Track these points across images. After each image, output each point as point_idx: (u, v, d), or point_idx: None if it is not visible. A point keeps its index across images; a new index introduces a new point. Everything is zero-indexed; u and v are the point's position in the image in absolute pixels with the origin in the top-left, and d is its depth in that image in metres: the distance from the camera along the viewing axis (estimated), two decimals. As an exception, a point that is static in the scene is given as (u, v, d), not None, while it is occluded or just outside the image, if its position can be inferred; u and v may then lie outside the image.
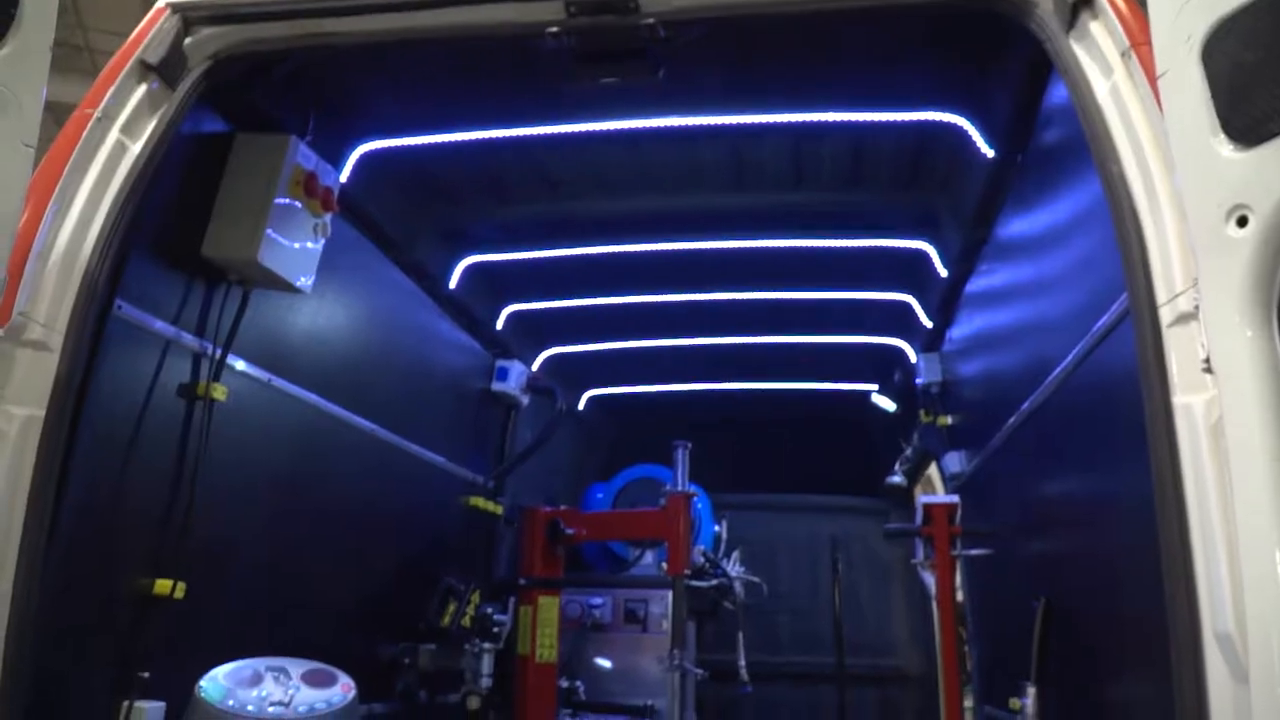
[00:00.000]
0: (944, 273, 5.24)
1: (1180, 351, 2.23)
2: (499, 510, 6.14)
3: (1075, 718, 3.72)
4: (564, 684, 5.98)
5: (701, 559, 6.55)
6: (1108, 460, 3.38)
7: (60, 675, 2.87)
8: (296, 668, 3.38)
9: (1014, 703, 3.87)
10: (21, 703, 2.39)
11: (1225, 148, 1.95)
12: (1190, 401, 2.16)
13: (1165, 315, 2.28)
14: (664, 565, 6.60)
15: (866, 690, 7.74)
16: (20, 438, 2.48)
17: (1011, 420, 4.61)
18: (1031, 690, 3.82)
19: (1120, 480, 3.26)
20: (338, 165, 4.12)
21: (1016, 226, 4.34)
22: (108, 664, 3.06)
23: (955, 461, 5.92)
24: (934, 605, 7.55)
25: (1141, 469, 2.96)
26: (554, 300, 6.12)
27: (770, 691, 7.58)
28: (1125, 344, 3.05)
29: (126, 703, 3.07)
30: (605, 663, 6.59)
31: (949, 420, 6.15)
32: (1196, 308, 2.11)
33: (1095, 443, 3.55)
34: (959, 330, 5.77)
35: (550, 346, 6.82)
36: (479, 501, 5.93)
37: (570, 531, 5.72)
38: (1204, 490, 2.04)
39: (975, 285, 5.19)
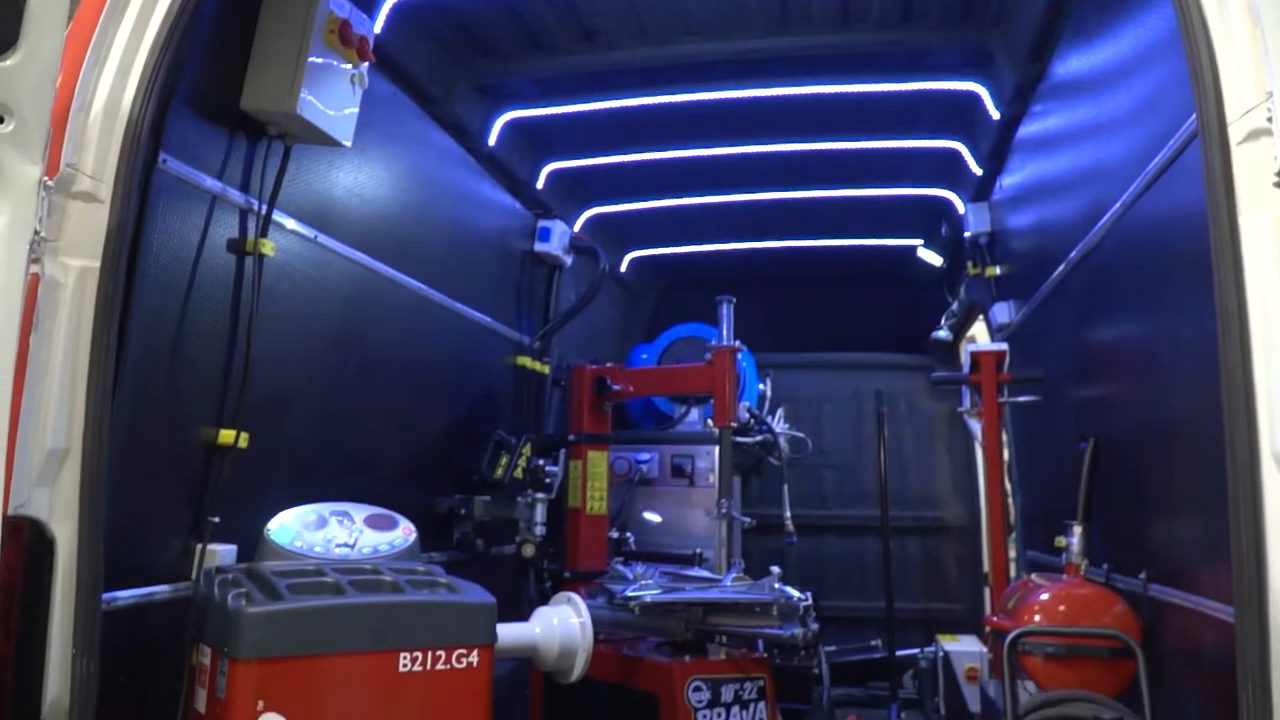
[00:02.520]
0: (996, 115, 5.06)
1: (1249, 169, 2.15)
2: (545, 370, 6.22)
3: (1121, 553, 3.77)
4: (614, 535, 6.15)
5: (747, 415, 6.62)
6: (1164, 298, 3.33)
7: (137, 522, 2.99)
8: (359, 512, 3.51)
9: (1059, 540, 3.92)
10: (100, 549, 2.49)
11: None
12: (1258, 221, 2.11)
13: (1235, 132, 2.19)
14: (709, 421, 6.69)
15: (909, 541, 7.91)
16: (78, 289, 2.52)
17: (1064, 266, 4.53)
18: (1078, 529, 3.86)
19: (1175, 317, 3.21)
20: (371, 14, 4.02)
21: (1075, 61, 4.16)
22: (180, 510, 3.19)
23: (1003, 312, 5.87)
24: (979, 453, 7.64)
25: (1198, 304, 2.92)
26: (594, 157, 6.02)
27: (815, 543, 7.78)
28: (1185, 178, 2.97)
29: (200, 546, 3.21)
30: (654, 516, 6.76)
31: (997, 271, 6.07)
32: (1270, 119, 2.02)
33: (1151, 281, 3.49)
34: (1010, 177, 5.62)
35: (591, 206, 6.76)
36: (525, 361, 6.00)
37: (617, 388, 5.78)
38: (1268, 309, 2.00)
39: (1029, 128, 5.02)
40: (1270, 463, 1.99)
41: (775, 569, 4.97)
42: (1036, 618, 3.57)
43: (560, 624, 3.69)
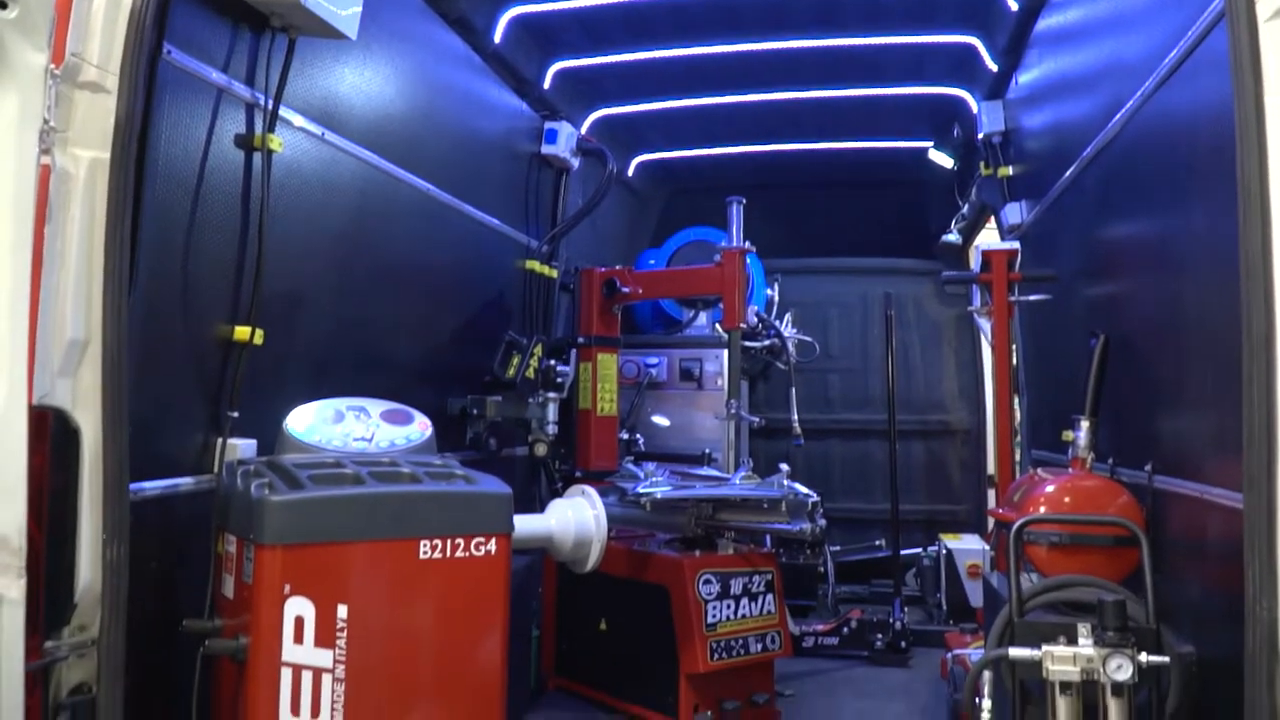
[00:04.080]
0: (1014, 6, 4.94)
1: (1276, 47, 2.11)
2: (554, 274, 6.22)
3: (1127, 447, 3.82)
4: (624, 437, 6.23)
5: (755, 320, 6.64)
6: (1180, 191, 3.30)
7: (159, 416, 3.03)
8: (376, 407, 3.55)
9: (1066, 434, 3.96)
10: (125, 438, 2.53)
11: None
12: (1284, 99, 2.08)
13: (1263, 9, 2.15)
14: (718, 325, 6.71)
15: (914, 444, 8.01)
16: (89, 179, 2.51)
17: (1078, 164, 4.49)
18: (1085, 423, 3.89)
19: (1191, 211, 3.19)
20: (372, -97, 3.91)
21: (1097, -55, 4.06)
22: (200, 405, 3.23)
23: (1014, 213, 5.84)
24: (986, 357, 7.67)
25: (1215, 197, 2.90)
26: (601, 55, 5.91)
27: (821, 447, 7.89)
28: (1205, 68, 2.92)
29: (220, 440, 3.26)
30: (662, 420, 6.83)
31: (1010, 171, 6.01)
32: (1301, -7, 1.98)
33: (1168, 175, 3.46)
34: (1026, 74, 5.52)
35: (598, 107, 6.66)
36: (534, 265, 5.99)
37: (626, 290, 5.78)
38: (1291, 187, 1.99)
39: (1048, 20, 4.92)
40: (1286, 344, 2.00)
41: (784, 466, 5.04)
42: (1042, 508, 3.63)
43: (575, 515, 3.77)
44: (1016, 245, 5.19)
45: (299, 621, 2.82)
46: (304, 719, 2.81)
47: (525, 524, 3.58)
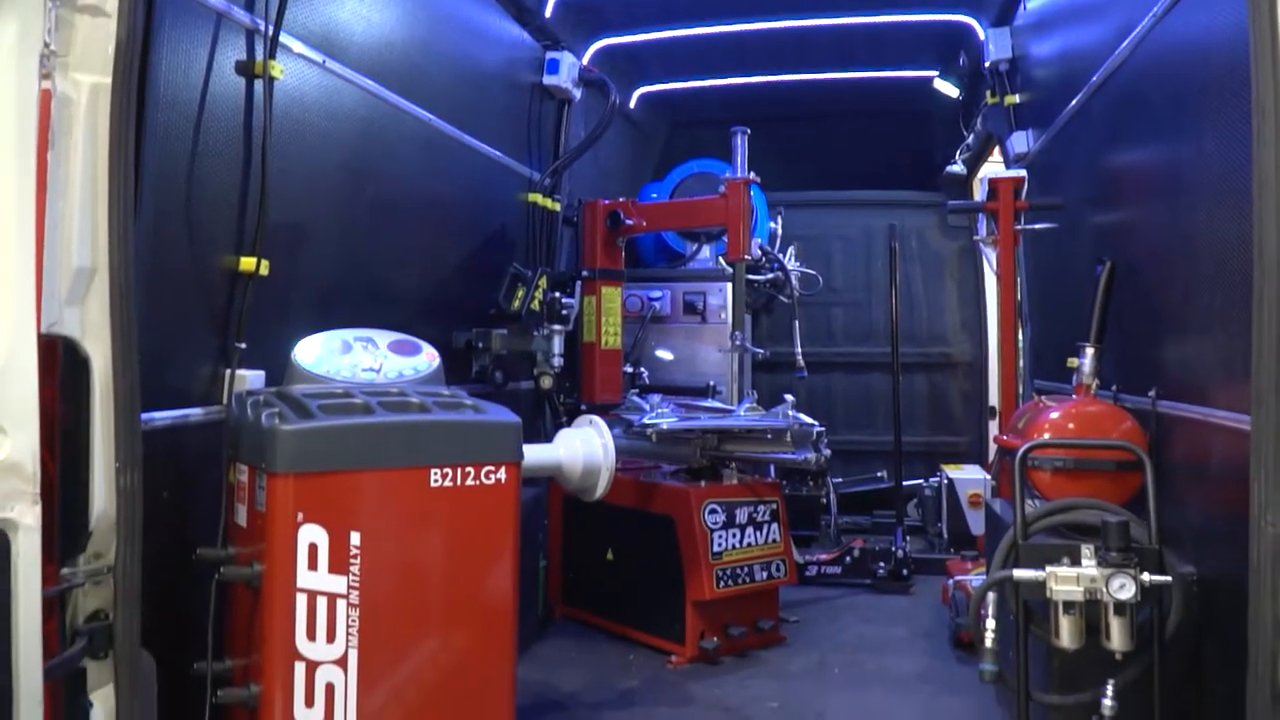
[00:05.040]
0: (1024, -72, 4.84)
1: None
2: (557, 208, 6.17)
3: (1131, 374, 3.83)
4: (628, 370, 6.24)
5: (759, 252, 6.61)
6: (1189, 117, 3.27)
7: (167, 347, 3.03)
8: (383, 338, 3.55)
9: (1071, 361, 3.97)
10: (135, 366, 2.53)
11: None
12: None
13: (1282, -77, 2.10)
14: (721, 258, 6.70)
15: (916, 376, 8.04)
16: (90, 105, 2.47)
17: (1086, 90, 4.43)
18: (1090, 350, 3.90)
19: (1200, 136, 3.16)
20: None
21: None
22: (208, 336, 3.23)
23: (1021, 141, 5.78)
24: (989, 289, 7.66)
25: (1224, 122, 2.87)
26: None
27: (824, 380, 7.92)
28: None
29: (229, 371, 3.27)
30: (666, 354, 6.85)
31: (1016, 100, 5.94)
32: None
33: (1177, 100, 3.42)
34: (1035, -2, 5.42)
35: (600, 37, 6.55)
36: (537, 198, 5.94)
37: (630, 222, 5.75)
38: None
39: (1058, -60, 4.82)
40: (1297, 262, 1.99)
41: (789, 397, 5.07)
42: (1046, 434, 3.65)
43: (584, 444, 3.79)
44: (1023, 173, 5.15)
45: (313, 549, 2.86)
46: (319, 644, 2.87)
47: (534, 453, 3.61)
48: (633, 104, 7.69)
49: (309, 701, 2.84)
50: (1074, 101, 4.65)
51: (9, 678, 2.15)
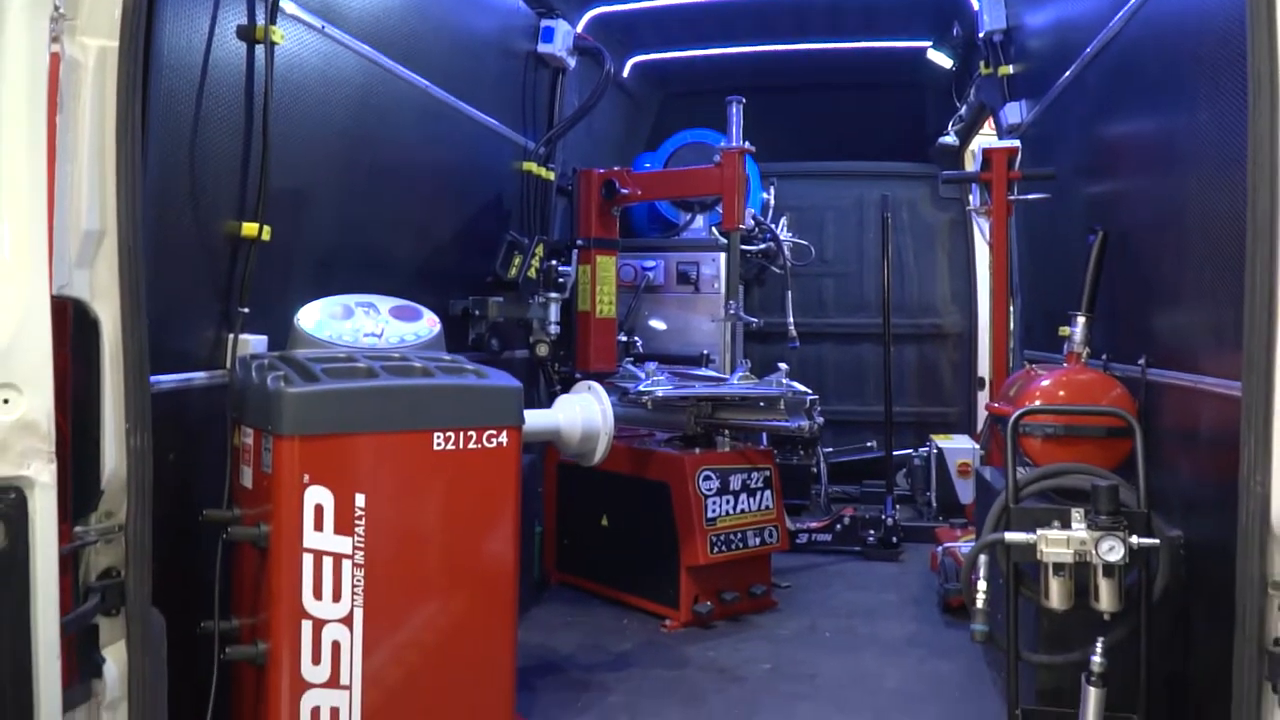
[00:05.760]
0: (1020, -103, 4.85)
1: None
2: (551, 177, 6.18)
3: (1121, 343, 3.89)
4: (622, 339, 6.29)
5: (751, 222, 6.64)
6: (1184, 87, 3.31)
7: (171, 311, 3.05)
8: (384, 303, 3.58)
9: (1063, 330, 4.03)
10: (144, 329, 2.55)
11: None
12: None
13: (1280, -108, 2.13)
14: (714, 228, 6.73)
15: (906, 347, 8.11)
16: (98, 68, 2.47)
17: (1080, 61, 4.46)
18: (1081, 319, 3.96)
19: (1195, 107, 3.20)
20: None
21: None
22: (211, 301, 3.25)
23: (1014, 112, 5.81)
24: (980, 260, 7.72)
25: (1219, 91, 2.91)
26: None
27: (815, 350, 7.99)
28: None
29: (232, 336, 3.29)
30: (659, 324, 6.89)
31: (1010, 70, 5.96)
32: None
33: (1172, 70, 3.45)
34: (1030, -32, 5.44)
35: (594, 5, 6.54)
36: (531, 167, 5.95)
37: (626, 191, 5.77)
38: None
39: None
40: (1289, 227, 2.04)
41: (783, 365, 5.12)
42: (1038, 402, 3.71)
43: (583, 410, 3.84)
44: (1017, 144, 5.19)
45: (318, 509, 2.90)
46: (326, 603, 2.92)
47: (534, 418, 3.65)
48: (626, 73, 7.68)
49: (315, 659, 2.90)
50: (1068, 72, 4.68)
51: (28, 631, 2.20)
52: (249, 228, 3.32)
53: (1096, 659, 2.77)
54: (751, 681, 4.23)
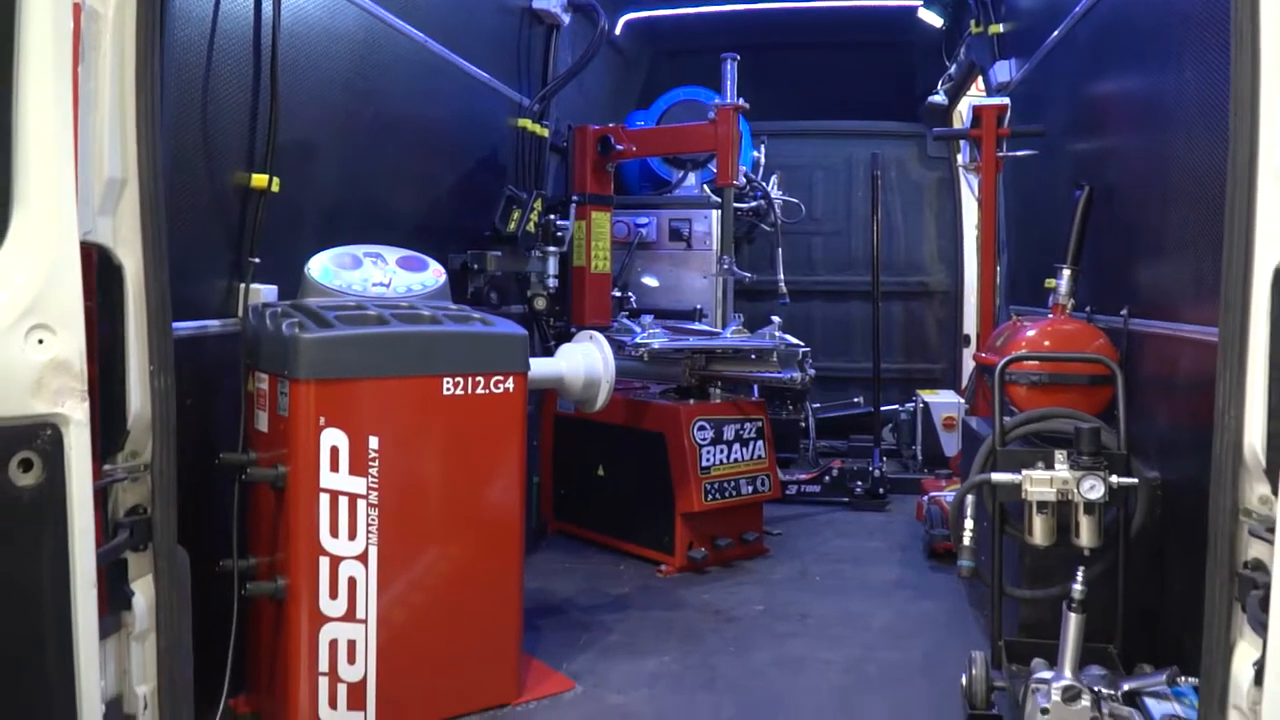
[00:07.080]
0: None
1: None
2: (545, 133, 6.23)
3: (1104, 296, 4.02)
4: (616, 294, 6.38)
5: (744, 180, 6.71)
6: (1172, 44, 3.40)
7: (184, 260, 3.11)
8: (391, 254, 3.67)
9: (1049, 282, 4.15)
10: (165, 274, 2.63)
11: None
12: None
13: None
14: (706, 186, 6.80)
15: (893, 305, 8.23)
16: (118, 18, 2.53)
17: (1070, 18, 4.54)
18: (1067, 271, 4.07)
19: (1181, 64, 3.30)
20: None
21: None
22: (223, 251, 3.33)
23: (1004, 70, 5.90)
24: (967, 218, 7.82)
25: (1207, 50, 3.01)
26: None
27: (803, 308, 8.08)
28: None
29: (243, 285, 3.37)
30: (652, 281, 6.97)
31: (1000, 28, 6.04)
32: None
33: (1160, 27, 3.55)
34: (1021, -74, 5.50)
35: (588, -39, 6.55)
36: (526, 123, 5.99)
37: (620, 147, 5.83)
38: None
39: None
40: (1268, 176, 2.15)
41: (775, 319, 5.23)
42: (1024, 350, 3.84)
43: (584, 358, 3.95)
44: (1007, 101, 5.28)
45: (334, 451, 3.01)
46: (342, 540, 3.04)
47: (538, 366, 3.76)
48: (618, 30, 7.70)
49: (333, 593, 3.02)
50: (1057, 30, 4.76)
51: (66, 562, 2.30)
52: (259, 179, 3.39)
53: (1077, 586, 2.92)
54: (745, 621, 4.38)
